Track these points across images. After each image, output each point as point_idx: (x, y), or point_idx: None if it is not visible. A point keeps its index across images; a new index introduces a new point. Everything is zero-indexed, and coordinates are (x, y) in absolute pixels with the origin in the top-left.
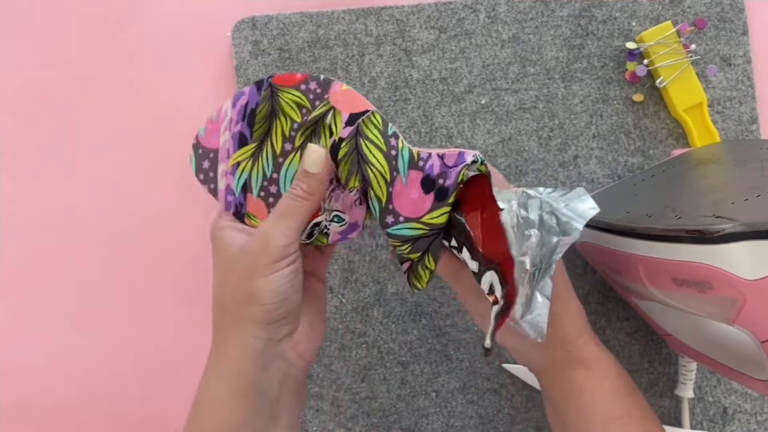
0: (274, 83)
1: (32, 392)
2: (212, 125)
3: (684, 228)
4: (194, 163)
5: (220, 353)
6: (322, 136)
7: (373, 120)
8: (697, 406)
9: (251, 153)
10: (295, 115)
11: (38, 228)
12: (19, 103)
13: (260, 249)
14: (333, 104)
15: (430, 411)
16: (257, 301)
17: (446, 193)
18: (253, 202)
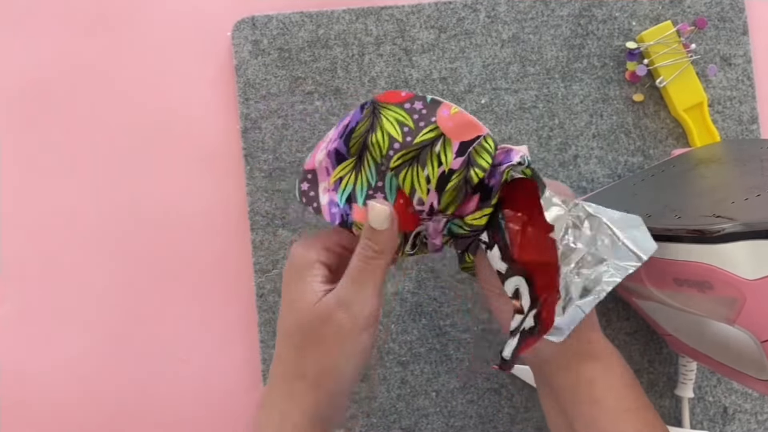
0: (377, 100)
1: (33, 393)
2: (314, 151)
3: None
4: (298, 189)
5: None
6: (429, 164)
7: (485, 145)
8: (697, 405)
9: (352, 166)
10: (395, 132)
11: (38, 228)
12: (19, 103)
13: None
14: (443, 130)
15: (430, 411)
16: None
17: (490, 192)
18: (358, 210)
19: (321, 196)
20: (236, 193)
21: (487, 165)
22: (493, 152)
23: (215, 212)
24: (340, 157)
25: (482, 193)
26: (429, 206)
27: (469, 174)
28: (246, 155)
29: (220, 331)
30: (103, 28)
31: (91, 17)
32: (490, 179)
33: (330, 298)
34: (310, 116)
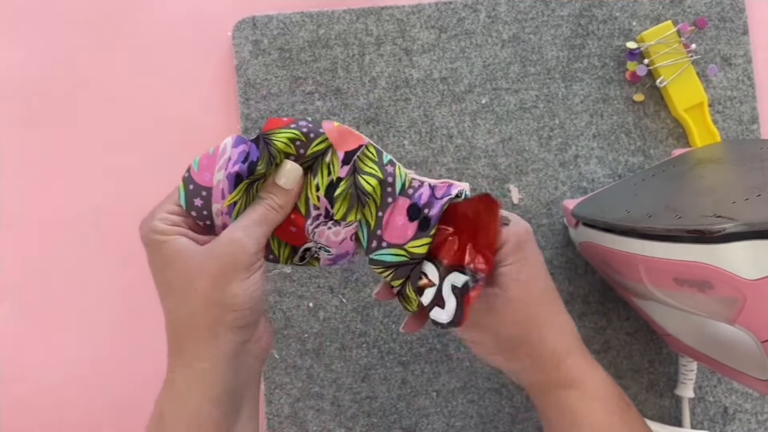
0: (263, 132)
1: (32, 392)
2: (207, 160)
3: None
4: (184, 198)
5: (189, 363)
6: (319, 173)
7: (367, 153)
8: (697, 405)
9: (244, 189)
10: (289, 149)
11: (38, 228)
12: (19, 103)
13: (234, 253)
14: (330, 141)
15: (431, 411)
16: (231, 307)
17: (428, 223)
18: None
19: (215, 218)
20: None
21: (374, 171)
22: (376, 158)
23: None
24: (238, 180)
25: (420, 223)
26: (324, 210)
27: (358, 182)
28: None
29: None
30: (103, 28)
31: (91, 17)
32: (430, 210)
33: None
34: (311, 116)
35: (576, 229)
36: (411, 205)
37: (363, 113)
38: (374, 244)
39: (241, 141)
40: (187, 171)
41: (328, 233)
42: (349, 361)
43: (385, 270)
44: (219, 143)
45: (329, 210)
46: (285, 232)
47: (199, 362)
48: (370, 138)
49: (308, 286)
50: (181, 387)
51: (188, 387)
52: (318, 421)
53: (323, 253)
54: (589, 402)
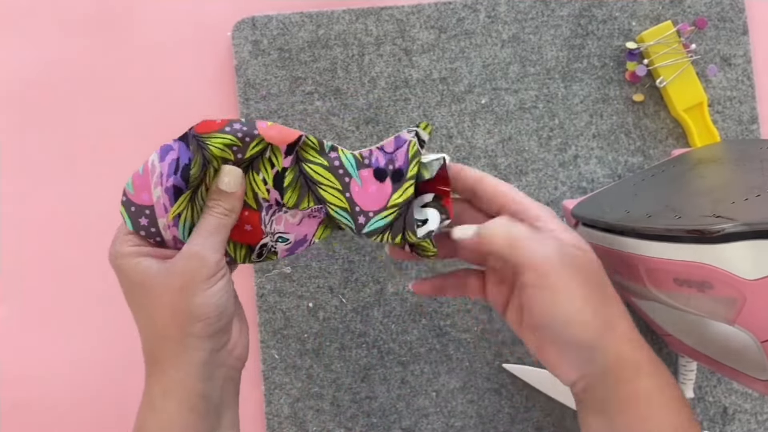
0: (197, 133)
1: (32, 393)
2: (140, 180)
3: (684, 228)
4: (129, 222)
5: (164, 374)
6: (262, 168)
7: (308, 143)
8: (697, 405)
9: (188, 199)
10: (227, 154)
11: (38, 228)
12: (19, 103)
13: (194, 267)
14: (268, 140)
15: (430, 411)
16: (199, 317)
17: (401, 172)
18: None
19: (163, 232)
20: None
21: (318, 159)
22: (317, 147)
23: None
24: (177, 192)
25: (392, 178)
26: (274, 201)
27: (304, 170)
28: None
29: None
30: (103, 28)
31: (91, 17)
32: (394, 165)
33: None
34: (310, 116)
35: (575, 229)
36: (375, 170)
37: (362, 113)
38: (362, 219)
39: (167, 149)
40: (123, 195)
41: (286, 217)
42: (349, 362)
43: (381, 234)
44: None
45: (279, 200)
46: (240, 232)
47: (172, 371)
48: (370, 138)
49: (308, 286)
50: (157, 397)
51: (164, 396)
52: (317, 421)
53: (280, 245)
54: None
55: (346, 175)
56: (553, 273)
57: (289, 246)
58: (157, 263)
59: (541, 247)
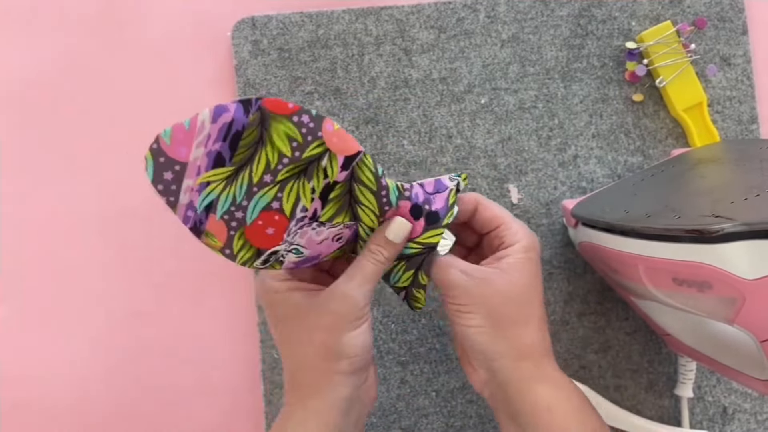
0: (265, 107)
1: (32, 393)
2: (183, 135)
3: (683, 227)
4: (151, 170)
5: (305, 402)
6: (315, 177)
7: (365, 162)
8: (696, 405)
9: (226, 176)
10: (285, 149)
11: (38, 228)
12: (19, 103)
13: (345, 309)
14: (328, 146)
15: (430, 411)
16: (346, 354)
17: (437, 216)
18: (214, 222)
19: (182, 195)
20: None
21: (370, 183)
22: (373, 168)
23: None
24: (220, 161)
25: (426, 218)
26: (312, 212)
27: (354, 190)
28: None
29: (220, 331)
30: (103, 28)
31: (91, 17)
32: (431, 206)
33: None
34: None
35: (575, 229)
36: (413, 206)
37: (362, 113)
38: None
39: (222, 111)
40: (155, 143)
41: (311, 233)
42: None
43: (398, 262)
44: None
45: (318, 212)
46: (259, 234)
47: (315, 401)
48: (370, 138)
49: None
50: (297, 423)
51: (303, 424)
52: None
53: (290, 256)
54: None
55: (388, 203)
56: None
57: (299, 259)
58: (307, 298)
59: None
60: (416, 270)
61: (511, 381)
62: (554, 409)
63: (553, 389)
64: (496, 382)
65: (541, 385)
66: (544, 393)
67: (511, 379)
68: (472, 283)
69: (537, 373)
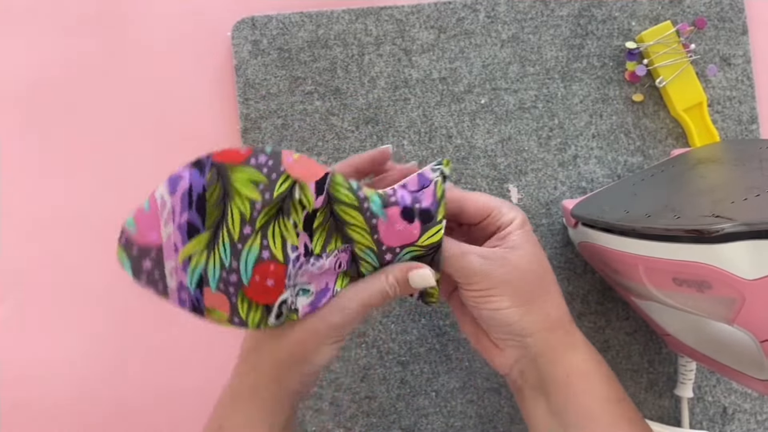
0: (218, 162)
1: (33, 393)
2: (145, 218)
3: (683, 227)
4: (129, 265)
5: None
6: (293, 212)
7: (337, 180)
8: (696, 405)
9: (205, 243)
10: (254, 194)
11: (38, 228)
12: (19, 103)
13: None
14: (295, 177)
15: (430, 411)
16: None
17: (429, 213)
18: (210, 295)
19: (168, 279)
20: None
21: (349, 199)
22: (346, 184)
23: None
24: (193, 230)
25: (421, 218)
26: (303, 248)
27: (336, 212)
28: None
29: (220, 330)
30: (103, 28)
31: (91, 17)
32: (421, 203)
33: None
34: (310, 116)
35: (575, 229)
36: (402, 210)
37: (362, 113)
38: (388, 257)
39: (176, 180)
40: (121, 235)
41: (311, 269)
42: (348, 361)
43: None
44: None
45: (308, 246)
46: (259, 289)
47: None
48: (370, 138)
49: None
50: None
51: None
52: (317, 421)
53: (301, 299)
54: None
55: (373, 216)
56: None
57: (311, 299)
58: None
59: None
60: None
61: (545, 351)
62: (589, 374)
63: (587, 355)
64: (529, 357)
65: (574, 352)
66: (578, 359)
67: (545, 350)
68: (492, 265)
69: (569, 341)
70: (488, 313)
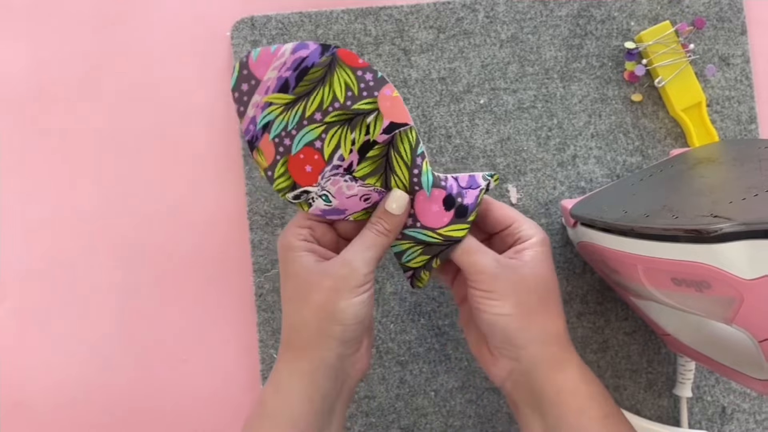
0: (338, 55)
1: (33, 393)
2: (267, 57)
3: (682, 227)
4: (235, 79)
5: (295, 362)
6: (357, 130)
7: (408, 135)
8: (695, 405)
9: (285, 102)
10: (340, 94)
11: (38, 228)
12: (19, 103)
13: (345, 274)
14: (380, 107)
15: (429, 410)
16: (339, 321)
17: (465, 211)
18: (266, 141)
19: (249, 108)
20: (235, 193)
21: (406, 155)
22: (413, 143)
23: (214, 212)
24: (284, 87)
25: (456, 211)
26: (348, 164)
27: (390, 155)
28: (246, 155)
29: (220, 330)
30: (103, 28)
31: (91, 17)
32: (463, 199)
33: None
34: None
35: (574, 228)
36: (447, 196)
37: None
38: (409, 221)
39: (303, 46)
40: (245, 57)
41: (342, 185)
42: None
43: (415, 245)
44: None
45: (353, 165)
46: (299, 168)
47: (302, 362)
48: None
49: None
50: (284, 379)
51: (290, 381)
52: None
53: (319, 201)
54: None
55: (418, 183)
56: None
57: (326, 208)
58: (316, 261)
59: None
60: (433, 256)
61: (538, 367)
62: (578, 392)
63: (577, 373)
64: (521, 370)
65: (565, 369)
66: (568, 377)
67: (538, 365)
68: (502, 269)
69: (562, 358)
70: (489, 317)
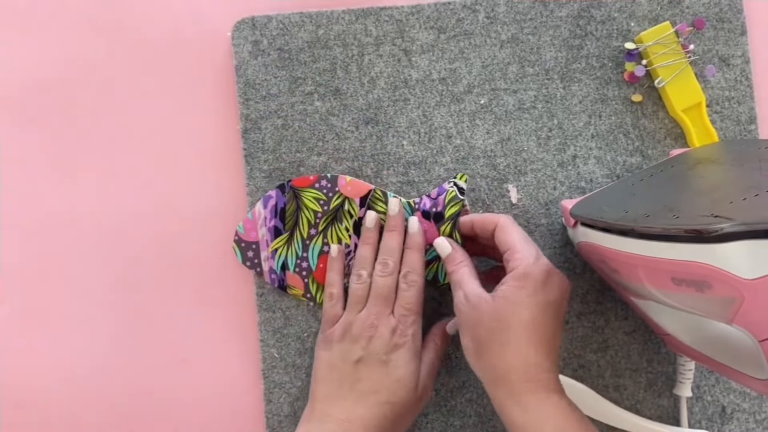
0: (294, 186)
1: (33, 393)
2: (250, 223)
3: (682, 227)
4: (240, 255)
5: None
6: (344, 219)
7: (377, 195)
8: (695, 405)
9: (285, 241)
10: (316, 207)
11: (38, 228)
12: (19, 103)
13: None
14: (345, 195)
15: (429, 409)
16: None
17: (441, 214)
18: (291, 276)
19: (263, 264)
20: (236, 193)
21: (382, 208)
22: (383, 199)
23: (215, 212)
24: (277, 232)
25: (434, 218)
26: (354, 246)
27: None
28: (246, 156)
29: (220, 330)
30: (103, 28)
31: (91, 17)
32: (436, 207)
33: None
34: (310, 116)
35: (574, 229)
36: (422, 213)
37: (362, 113)
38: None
39: (268, 198)
40: (235, 235)
41: None
42: None
43: (436, 263)
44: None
45: (357, 242)
46: (324, 274)
47: None
48: (370, 138)
49: None
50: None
51: None
52: None
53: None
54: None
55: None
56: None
57: None
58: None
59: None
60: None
61: (493, 400)
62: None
63: (525, 414)
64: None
65: (515, 409)
66: (517, 417)
67: (493, 398)
68: (466, 307)
69: (511, 400)
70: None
